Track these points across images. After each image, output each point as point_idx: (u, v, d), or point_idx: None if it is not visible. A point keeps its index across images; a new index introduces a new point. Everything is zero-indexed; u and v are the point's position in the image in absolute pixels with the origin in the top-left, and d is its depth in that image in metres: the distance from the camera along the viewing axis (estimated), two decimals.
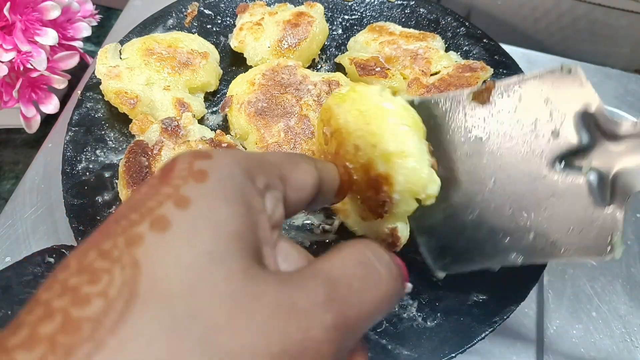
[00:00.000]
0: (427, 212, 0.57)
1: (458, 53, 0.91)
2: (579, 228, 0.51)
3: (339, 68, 0.91)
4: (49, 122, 0.95)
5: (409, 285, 0.38)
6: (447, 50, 0.91)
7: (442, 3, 1.05)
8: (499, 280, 0.67)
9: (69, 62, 0.87)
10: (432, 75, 0.84)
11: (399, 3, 0.99)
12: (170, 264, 0.26)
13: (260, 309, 0.26)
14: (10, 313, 0.56)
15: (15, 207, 0.84)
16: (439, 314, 0.65)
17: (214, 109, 0.88)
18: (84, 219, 0.70)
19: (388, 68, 0.84)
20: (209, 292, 0.26)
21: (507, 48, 0.93)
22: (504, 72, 0.88)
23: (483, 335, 0.62)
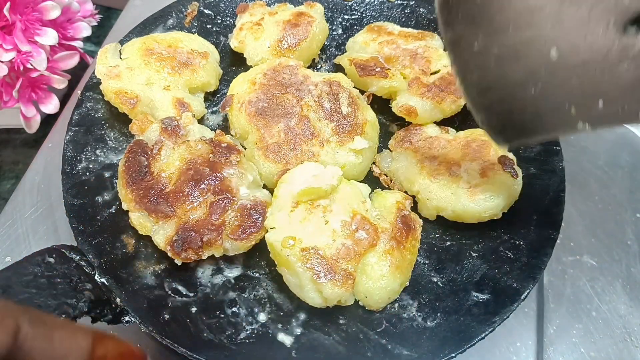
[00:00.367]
0: (484, 89, 0.55)
1: None
2: None
3: (339, 68, 0.91)
4: (49, 122, 0.95)
5: None
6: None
7: None
8: (499, 280, 0.67)
9: (69, 62, 0.87)
10: (432, 75, 0.83)
11: (399, 3, 0.99)
12: None
13: None
14: None
15: (15, 207, 0.85)
16: (439, 314, 0.65)
17: (214, 109, 0.88)
18: (84, 219, 0.70)
19: (388, 68, 0.84)
20: None
21: None
22: None
23: (483, 335, 0.62)
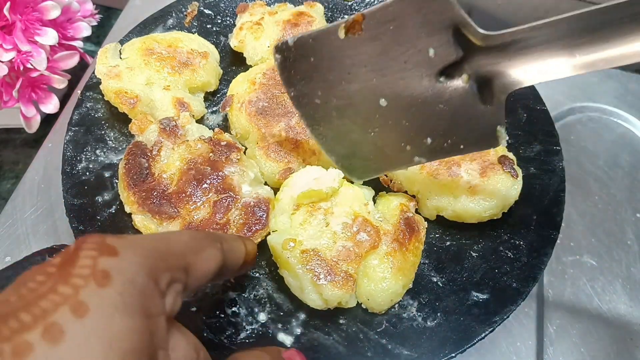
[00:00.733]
0: (333, 137, 0.68)
1: None
2: (468, 126, 0.58)
3: None
4: (49, 122, 0.95)
5: None
6: None
7: None
8: (499, 280, 0.67)
9: (69, 62, 0.87)
10: None
11: None
12: None
13: None
14: None
15: (15, 207, 0.85)
16: (439, 314, 0.65)
17: (214, 109, 0.88)
18: (84, 219, 0.70)
19: None
20: None
21: None
22: None
23: (483, 335, 0.62)
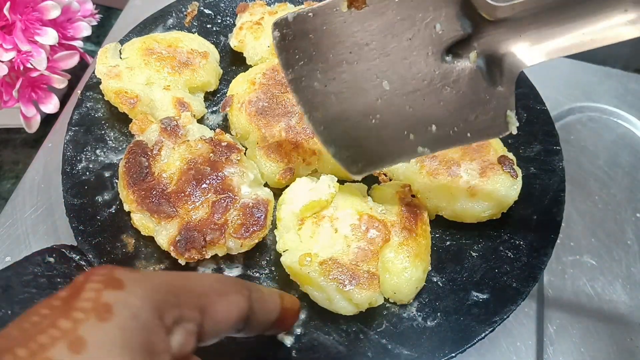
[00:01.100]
0: (331, 124, 0.61)
1: None
2: (476, 111, 0.53)
3: None
4: (49, 122, 0.95)
5: None
6: None
7: None
8: (499, 280, 0.67)
9: (69, 61, 0.87)
10: None
11: None
12: None
13: None
14: (10, 312, 0.56)
15: (15, 207, 0.84)
16: (439, 314, 0.65)
17: (214, 109, 0.88)
18: (84, 219, 0.70)
19: None
20: None
21: None
22: None
23: (483, 335, 0.62)
